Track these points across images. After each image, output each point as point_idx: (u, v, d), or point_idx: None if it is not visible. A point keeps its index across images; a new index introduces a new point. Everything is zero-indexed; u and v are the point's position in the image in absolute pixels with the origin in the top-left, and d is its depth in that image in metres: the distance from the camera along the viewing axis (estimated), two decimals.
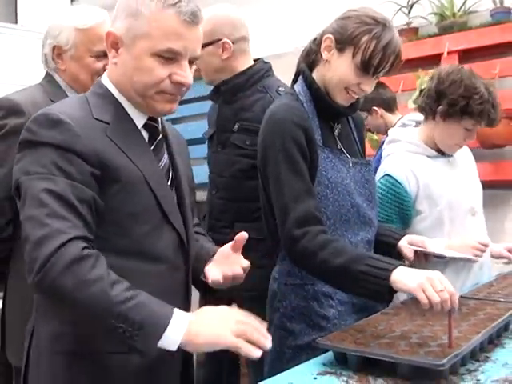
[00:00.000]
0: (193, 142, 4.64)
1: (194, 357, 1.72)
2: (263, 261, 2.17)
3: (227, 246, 1.59)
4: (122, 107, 1.44)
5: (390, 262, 1.60)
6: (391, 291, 1.58)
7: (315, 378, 1.42)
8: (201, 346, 1.25)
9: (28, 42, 4.72)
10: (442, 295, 1.46)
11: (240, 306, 2.22)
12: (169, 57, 1.37)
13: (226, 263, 1.57)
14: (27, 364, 1.44)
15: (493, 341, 1.64)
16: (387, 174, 2.31)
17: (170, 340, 1.22)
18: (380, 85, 3.74)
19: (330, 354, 1.54)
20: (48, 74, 2.13)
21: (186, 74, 1.40)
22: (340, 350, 1.47)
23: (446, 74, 2.28)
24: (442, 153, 2.40)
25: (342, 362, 1.48)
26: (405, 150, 2.39)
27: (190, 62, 1.42)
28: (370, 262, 1.60)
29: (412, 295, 1.56)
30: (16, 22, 5.12)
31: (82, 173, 1.31)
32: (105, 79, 1.48)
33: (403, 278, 1.53)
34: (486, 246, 2.31)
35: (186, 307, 1.52)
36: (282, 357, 1.84)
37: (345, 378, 1.40)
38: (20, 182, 1.31)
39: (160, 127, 1.52)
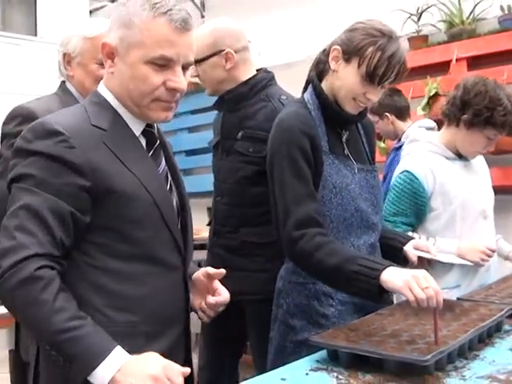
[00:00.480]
0: (208, 150, 4.75)
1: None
2: (267, 265, 2.25)
3: (204, 276, 1.63)
4: (119, 115, 1.47)
5: (380, 263, 1.66)
6: (383, 291, 1.64)
7: (307, 374, 1.49)
8: None
9: (47, 54, 4.86)
10: (428, 292, 1.53)
11: (244, 309, 2.32)
12: (162, 64, 1.41)
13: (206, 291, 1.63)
14: (37, 363, 1.47)
15: (483, 340, 1.69)
16: (406, 170, 2.44)
17: (98, 379, 1.23)
18: (396, 92, 3.80)
19: (324, 352, 1.60)
20: (62, 83, 2.24)
21: (179, 79, 1.43)
22: (331, 347, 1.54)
23: (472, 84, 2.38)
24: (459, 156, 2.51)
25: (334, 358, 1.55)
26: (425, 149, 2.50)
27: (184, 69, 1.45)
28: (361, 263, 1.67)
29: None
30: (36, 35, 5.25)
31: (69, 185, 1.34)
32: (102, 89, 1.51)
33: (392, 277, 1.60)
34: (493, 251, 2.43)
35: (186, 306, 1.57)
36: (284, 350, 1.93)
37: (335, 374, 1.47)
38: (11, 187, 1.37)
39: (156, 133, 1.56)
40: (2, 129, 2.10)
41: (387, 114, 3.82)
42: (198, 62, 2.29)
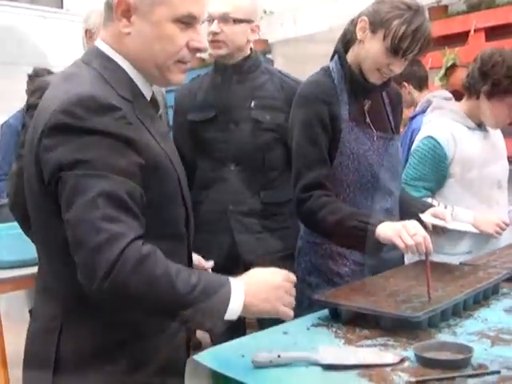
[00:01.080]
0: None
1: None
2: (289, 222, 2.44)
3: None
4: (133, 81, 1.38)
5: (377, 219, 1.80)
6: (379, 244, 1.78)
7: (308, 329, 1.60)
8: (254, 315, 1.34)
9: (73, 27, 4.96)
10: (416, 239, 1.66)
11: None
12: (188, 22, 1.34)
13: None
14: (57, 364, 1.31)
15: (479, 301, 1.77)
16: (430, 136, 2.53)
17: (231, 313, 1.26)
18: (416, 62, 3.80)
19: (326, 310, 1.71)
20: None
21: (201, 38, 1.38)
22: (330, 305, 1.65)
23: (489, 55, 2.45)
24: (479, 127, 2.59)
25: (335, 316, 1.66)
26: (448, 117, 2.59)
27: None
28: (360, 218, 1.82)
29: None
30: (61, 7, 5.35)
31: (133, 165, 1.25)
32: (108, 50, 1.38)
33: (385, 229, 1.75)
34: (507, 225, 2.52)
35: None
36: (301, 306, 2.03)
37: (334, 329, 1.58)
38: (62, 176, 1.21)
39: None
40: (27, 100, 2.23)
41: (405, 83, 3.84)
42: (234, 20, 2.39)
